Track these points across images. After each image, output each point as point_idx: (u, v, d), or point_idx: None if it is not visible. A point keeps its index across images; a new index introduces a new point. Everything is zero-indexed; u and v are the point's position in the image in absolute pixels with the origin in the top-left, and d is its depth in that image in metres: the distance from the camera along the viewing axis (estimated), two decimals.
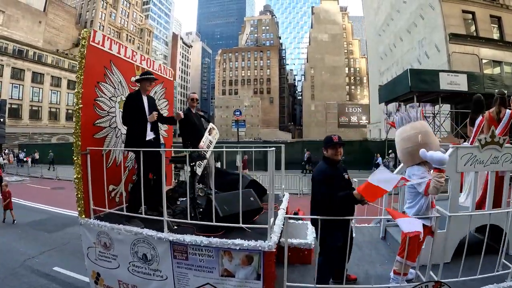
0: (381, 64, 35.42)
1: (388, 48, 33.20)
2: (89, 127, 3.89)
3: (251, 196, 3.81)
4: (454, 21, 21.96)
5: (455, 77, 15.60)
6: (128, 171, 4.69)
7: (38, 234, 7.82)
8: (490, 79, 16.16)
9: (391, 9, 31.59)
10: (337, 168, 3.39)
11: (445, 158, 2.92)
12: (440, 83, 15.30)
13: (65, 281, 5.01)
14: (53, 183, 17.93)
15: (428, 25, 24.21)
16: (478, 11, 22.37)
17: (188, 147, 4.53)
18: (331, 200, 3.10)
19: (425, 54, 24.74)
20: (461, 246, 3.70)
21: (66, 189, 15.83)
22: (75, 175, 3.75)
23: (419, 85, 15.68)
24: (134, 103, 3.98)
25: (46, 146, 34.35)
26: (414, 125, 3.40)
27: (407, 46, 28.55)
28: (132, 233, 3.43)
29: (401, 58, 29.65)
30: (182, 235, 3.22)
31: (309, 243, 4.41)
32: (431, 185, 2.96)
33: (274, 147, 3.19)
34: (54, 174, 19.75)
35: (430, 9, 23.45)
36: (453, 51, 21.35)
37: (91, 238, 3.75)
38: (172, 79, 6.21)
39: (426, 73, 16.65)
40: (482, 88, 15.48)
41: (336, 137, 3.41)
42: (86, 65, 3.76)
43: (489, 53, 21.86)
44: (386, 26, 33.49)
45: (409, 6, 27.25)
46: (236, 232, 3.28)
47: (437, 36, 22.81)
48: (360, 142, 26.71)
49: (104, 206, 3.89)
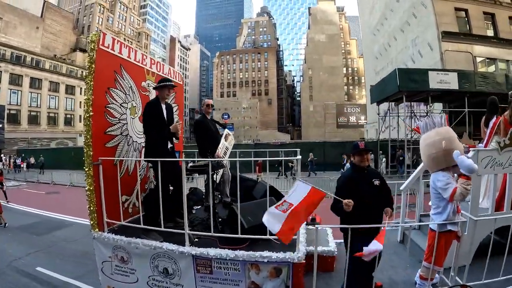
0: (377, 63, 35.28)
1: (383, 47, 33.15)
2: (100, 135, 3.71)
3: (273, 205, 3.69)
4: (446, 19, 21.96)
5: (445, 75, 15.63)
6: (140, 179, 4.52)
7: (27, 236, 7.94)
8: (481, 77, 16.22)
9: (385, 8, 31.45)
10: (363, 173, 3.38)
11: (474, 168, 2.94)
12: (430, 82, 15.39)
13: (45, 280, 5.13)
14: (49, 187, 17.97)
15: (420, 24, 24.17)
16: (471, 8, 22.37)
17: (206, 155, 4.35)
18: (335, 206, 3.15)
19: (419, 53, 24.68)
20: (480, 248, 3.78)
21: (60, 193, 15.94)
22: (87, 187, 3.57)
23: (408, 85, 15.85)
24: (155, 111, 3.81)
25: (44, 151, 34.45)
26: (439, 131, 3.40)
27: (401, 45, 28.51)
28: (151, 247, 3.28)
29: (396, 57, 29.53)
30: (206, 249, 3.08)
31: (332, 251, 4.34)
32: (457, 191, 2.98)
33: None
34: (50, 179, 19.81)
35: (422, 8, 23.43)
36: (446, 49, 21.33)
37: (106, 252, 3.58)
38: (182, 83, 6.08)
39: (415, 72, 16.78)
40: (474, 86, 15.75)
41: (362, 143, 3.43)
42: (96, 70, 3.59)
43: (484, 50, 21.91)
44: (380, 25, 33.40)
45: (402, 5, 27.25)
46: (261, 243, 3.19)
47: (429, 35, 22.79)
48: (352, 142, 26.53)
49: (118, 218, 3.72)
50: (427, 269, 3.35)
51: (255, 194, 4.96)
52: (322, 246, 4.32)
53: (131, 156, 4.31)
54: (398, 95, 17.43)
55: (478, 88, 15.67)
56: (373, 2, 34.95)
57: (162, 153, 3.66)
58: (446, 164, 3.23)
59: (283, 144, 26.55)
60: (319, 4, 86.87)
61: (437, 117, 3.48)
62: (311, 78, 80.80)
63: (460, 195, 2.94)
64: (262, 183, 5.39)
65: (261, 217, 3.15)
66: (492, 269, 3.40)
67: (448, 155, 3.16)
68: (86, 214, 3.66)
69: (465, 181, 2.93)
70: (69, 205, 12.32)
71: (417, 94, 17.40)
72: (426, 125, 3.55)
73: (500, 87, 15.90)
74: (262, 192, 4.77)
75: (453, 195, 3.01)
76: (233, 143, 4.77)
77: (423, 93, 16.65)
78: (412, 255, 4.36)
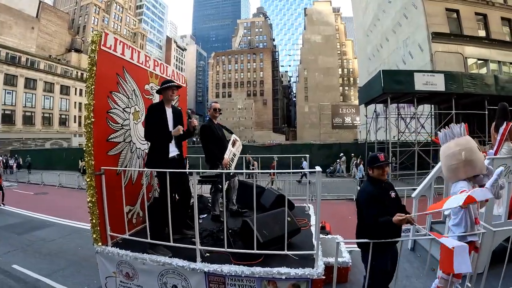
0: (370, 64, 34.77)
1: (375, 48, 32.82)
2: (102, 143, 3.48)
3: (288, 216, 3.50)
4: (437, 20, 21.78)
5: (431, 77, 15.58)
6: (145, 188, 4.31)
7: (8, 236, 8.05)
8: (469, 78, 16.10)
9: (377, 9, 31.11)
10: (382, 187, 3.17)
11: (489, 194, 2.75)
12: (415, 83, 15.29)
13: (19, 277, 5.28)
14: (38, 188, 17.98)
15: (411, 25, 23.97)
16: (463, 9, 22.25)
17: (215, 163, 4.17)
18: (376, 223, 2.90)
19: (409, 54, 24.49)
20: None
21: (49, 193, 15.98)
22: (89, 198, 3.34)
23: (392, 86, 15.76)
24: (156, 115, 3.54)
25: (38, 152, 34.46)
26: (459, 142, 3.30)
27: (392, 46, 28.25)
28: (160, 264, 3.08)
29: (388, 58, 29.24)
30: (219, 265, 2.90)
31: (347, 262, 4.20)
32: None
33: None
34: (40, 179, 19.86)
35: (413, 8, 23.27)
36: (436, 50, 21.21)
37: (109, 267, 3.39)
38: (185, 85, 5.95)
39: (400, 74, 16.77)
40: (461, 87, 15.66)
41: (382, 155, 3.17)
42: (98, 73, 3.34)
43: (475, 51, 21.75)
44: (373, 26, 33.00)
45: (394, 6, 27.06)
46: (277, 257, 3.02)
47: (420, 36, 22.58)
48: (340, 144, 26.12)
49: (122, 230, 3.52)
50: (445, 280, 3.23)
51: (263, 202, 4.83)
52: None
53: (134, 164, 4.09)
54: (383, 97, 17.32)
55: (465, 90, 15.65)
56: (367, 2, 34.73)
57: (163, 162, 3.43)
58: (465, 175, 3.16)
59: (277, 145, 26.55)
60: (315, 5, 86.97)
61: (456, 127, 3.36)
62: (306, 78, 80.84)
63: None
64: (270, 189, 5.19)
65: (277, 230, 3.15)
66: (505, 276, 3.40)
67: (468, 166, 3.12)
68: (69, 214, 3.59)
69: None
70: (54, 205, 12.44)
71: (404, 96, 17.30)
72: (446, 136, 3.45)
73: (489, 88, 15.96)
74: (271, 199, 4.68)
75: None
76: (241, 149, 4.57)
77: (409, 94, 16.58)
78: (424, 262, 4.28)
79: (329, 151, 21.62)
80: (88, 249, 6.10)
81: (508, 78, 17.61)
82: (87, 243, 6.64)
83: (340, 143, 27.85)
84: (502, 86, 16.15)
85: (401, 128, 19.51)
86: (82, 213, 8.48)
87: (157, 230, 3.38)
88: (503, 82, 16.47)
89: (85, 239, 7.01)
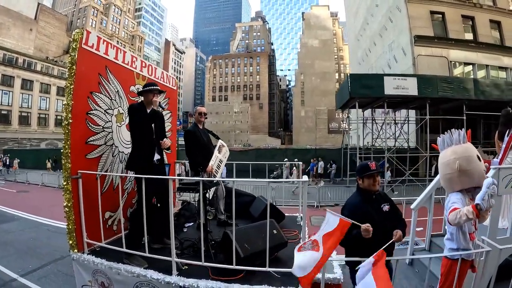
0: (359, 69, 33.71)
1: (365, 53, 31.93)
2: (80, 146, 3.34)
3: (274, 229, 3.30)
4: (420, 23, 21.12)
5: (402, 81, 15.04)
6: (127, 194, 4.17)
7: None
8: (445, 82, 15.45)
9: (366, 13, 30.20)
10: (372, 200, 2.89)
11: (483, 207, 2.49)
12: (385, 88, 14.78)
13: None
14: (22, 187, 18.55)
15: (396, 28, 23.27)
16: (448, 11, 21.61)
17: (197, 171, 3.87)
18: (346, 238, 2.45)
19: (394, 58, 23.79)
20: None
21: (30, 192, 16.57)
22: (65, 203, 3.19)
23: (360, 91, 15.37)
24: (136, 117, 3.41)
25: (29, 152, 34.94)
26: (455, 150, 3.00)
27: (379, 50, 27.44)
28: (134, 275, 2.92)
29: (375, 63, 28.54)
30: (196, 280, 2.73)
31: (338, 278, 3.81)
32: (453, 213, 2.59)
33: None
34: (25, 178, 20.38)
35: (397, 11, 22.69)
36: (418, 54, 20.53)
37: (85, 276, 3.26)
38: (176, 88, 5.71)
39: (369, 78, 16.38)
40: (436, 91, 15.06)
41: (374, 164, 2.91)
42: (77, 72, 3.21)
43: (461, 55, 21.07)
44: (363, 30, 32.05)
45: (381, 9, 26.29)
46: (258, 273, 2.84)
47: (403, 39, 21.94)
48: (316, 150, 25.89)
49: (99, 238, 3.33)
50: None
51: (253, 211, 4.65)
52: (326, 273, 3.72)
53: (116, 168, 3.94)
54: (352, 102, 16.86)
55: (440, 94, 15.05)
56: (357, 6, 33.82)
57: (143, 167, 3.28)
58: (461, 186, 2.90)
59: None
60: (313, 9, 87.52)
61: (455, 134, 3.04)
62: (303, 83, 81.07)
63: (454, 219, 2.55)
64: (260, 198, 4.93)
65: (260, 244, 2.94)
66: None
67: (463, 177, 2.86)
68: (39, 210, 3.70)
69: (472, 211, 2.46)
70: (30, 202, 13.01)
71: (376, 101, 16.85)
72: (444, 142, 3.15)
73: (468, 92, 15.28)
74: (260, 209, 4.45)
75: (448, 216, 2.65)
76: (228, 155, 4.34)
77: (380, 99, 16.19)
78: (422, 279, 3.97)
79: (304, 157, 21.56)
80: (40, 241, 7.24)
81: (489, 82, 16.88)
82: (40, 236, 7.72)
83: (316, 148, 27.47)
84: (482, 90, 15.53)
85: (387, 134, 18.92)
86: (53, 210, 9.88)
87: (135, 239, 3.24)
88: (484, 86, 15.82)
89: (41, 233, 7.99)
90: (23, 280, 4.95)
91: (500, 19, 22.16)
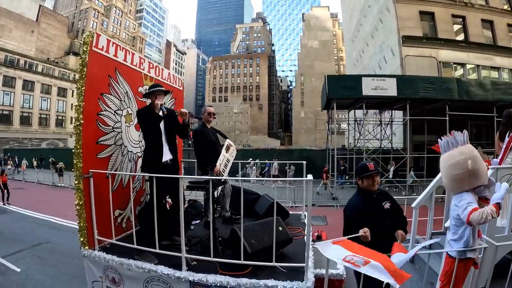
0: (354, 70, 33.81)
1: (359, 54, 32.00)
2: (91, 145, 3.43)
3: (280, 226, 3.39)
4: (410, 23, 20.97)
5: (381, 81, 15.00)
6: (136, 192, 4.26)
7: None
8: (427, 83, 15.32)
9: (360, 14, 30.25)
10: (372, 199, 3.02)
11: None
12: (363, 88, 14.79)
13: None
14: (18, 184, 19.10)
15: (386, 29, 23.25)
16: (438, 11, 21.44)
17: (206, 170, 3.96)
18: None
19: (384, 59, 23.69)
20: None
21: (24, 189, 17.13)
22: (77, 201, 3.30)
23: (337, 92, 15.42)
24: (144, 120, 3.55)
25: (30, 151, 35.52)
26: (462, 150, 3.04)
27: (371, 51, 27.47)
28: (145, 270, 3.03)
29: (367, 64, 28.50)
30: (205, 275, 2.85)
31: (341, 274, 3.93)
32: (477, 213, 2.64)
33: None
34: (22, 177, 21.12)
35: (387, 12, 22.67)
36: (407, 55, 20.37)
37: (96, 272, 3.36)
38: (182, 88, 5.79)
39: (347, 79, 16.56)
40: (416, 92, 15.01)
41: (372, 164, 3.04)
42: (88, 74, 3.31)
43: (451, 55, 20.88)
44: (357, 32, 32.17)
45: (372, 10, 26.28)
46: (266, 268, 2.94)
47: (392, 40, 21.82)
48: (301, 150, 26.07)
49: (110, 235, 3.48)
50: None
51: (258, 209, 4.72)
52: (330, 269, 3.75)
53: (125, 167, 4.05)
54: (331, 103, 16.68)
55: (421, 95, 14.91)
56: (352, 8, 34.01)
57: (155, 167, 3.37)
58: (470, 186, 2.95)
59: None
60: (313, 10, 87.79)
61: (459, 135, 3.09)
62: (302, 84, 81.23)
63: (480, 218, 2.60)
64: (264, 197, 5.03)
65: (266, 240, 3.07)
66: None
67: (473, 176, 2.92)
68: (27, 204, 4.26)
69: (494, 209, 2.58)
70: (21, 198, 13.53)
71: (356, 102, 16.87)
72: (448, 144, 3.15)
73: (450, 92, 15.08)
74: (265, 207, 4.56)
75: (470, 216, 2.67)
76: (235, 154, 4.31)
77: (359, 100, 16.14)
78: (423, 276, 3.93)
79: (289, 157, 21.82)
80: (25, 231, 8.27)
81: (474, 82, 16.60)
82: (25, 227, 8.72)
83: (301, 149, 27.51)
84: (466, 91, 15.32)
85: (370, 135, 19.38)
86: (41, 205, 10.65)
87: (145, 236, 3.30)
88: (468, 86, 15.59)
89: (26, 224, 8.99)
90: (2, 260, 6.15)
91: (492, 18, 21.98)
